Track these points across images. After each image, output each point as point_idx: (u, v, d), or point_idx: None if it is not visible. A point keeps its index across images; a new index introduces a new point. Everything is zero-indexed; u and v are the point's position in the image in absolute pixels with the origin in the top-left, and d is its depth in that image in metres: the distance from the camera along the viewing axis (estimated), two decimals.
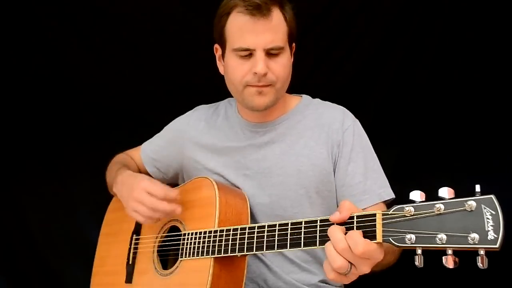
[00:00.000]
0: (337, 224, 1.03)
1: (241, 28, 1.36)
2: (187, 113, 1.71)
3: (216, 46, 1.50)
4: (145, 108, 2.25)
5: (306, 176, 1.45)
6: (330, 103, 1.59)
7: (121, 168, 1.58)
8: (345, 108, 1.55)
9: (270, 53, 1.37)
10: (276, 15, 1.37)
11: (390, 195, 1.44)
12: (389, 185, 1.46)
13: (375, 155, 1.50)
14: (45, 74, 2.28)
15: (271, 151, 1.49)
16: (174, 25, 2.21)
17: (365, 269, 0.99)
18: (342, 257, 0.98)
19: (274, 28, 1.36)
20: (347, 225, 1.02)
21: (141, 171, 1.74)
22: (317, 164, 1.45)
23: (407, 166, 2.11)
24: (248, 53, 1.37)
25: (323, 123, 1.50)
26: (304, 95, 1.61)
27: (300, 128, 1.51)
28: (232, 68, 1.41)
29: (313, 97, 1.62)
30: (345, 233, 0.99)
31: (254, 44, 1.35)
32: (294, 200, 1.46)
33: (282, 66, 1.40)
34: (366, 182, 1.42)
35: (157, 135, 1.75)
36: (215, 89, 1.62)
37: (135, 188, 1.38)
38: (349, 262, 0.98)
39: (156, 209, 1.36)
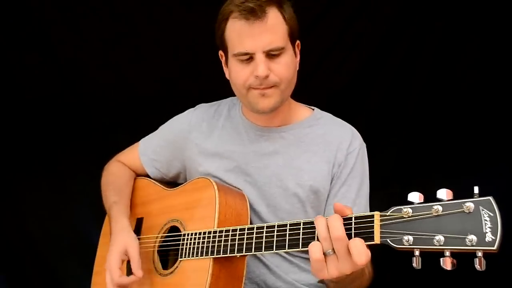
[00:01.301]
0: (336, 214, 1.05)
1: (238, 33, 1.36)
2: (187, 111, 1.69)
3: (221, 52, 1.49)
4: (145, 108, 2.25)
5: (304, 191, 1.45)
6: (340, 120, 1.57)
7: (113, 207, 1.56)
8: (355, 129, 1.54)
9: (271, 54, 1.36)
10: (273, 15, 1.35)
11: None
12: None
13: (368, 182, 1.51)
14: (45, 74, 2.28)
15: (274, 162, 1.49)
16: (174, 26, 2.21)
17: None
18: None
19: (271, 29, 1.35)
20: (345, 226, 1.02)
21: (140, 173, 1.73)
22: (316, 180, 1.45)
23: (406, 167, 2.11)
24: (249, 57, 1.36)
25: (330, 140, 1.49)
26: (316, 108, 1.60)
27: (306, 141, 1.50)
28: (235, 73, 1.41)
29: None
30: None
31: (252, 47, 1.34)
32: (290, 213, 1.46)
33: (285, 66, 1.38)
34: (353, 208, 1.42)
35: (155, 133, 1.72)
36: (215, 89, 1.62)
37: (109, 254, 1.42)
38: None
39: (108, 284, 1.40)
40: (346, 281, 1.03)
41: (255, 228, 1.23)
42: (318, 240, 1.04)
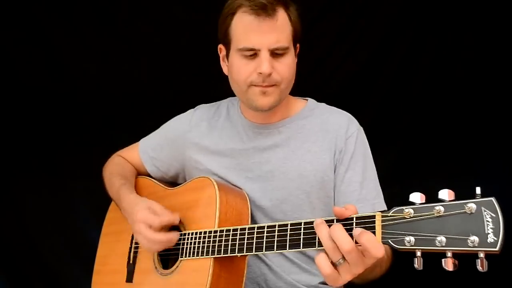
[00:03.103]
0: (336, 218, 1.03)
1: (246, 28, 1.36)
2: (187, 112, 1.70)
3: (220, 46, 1.49)
4: (145, 108, 2.24)
5: (307, 181, 1.45)
6: (336, 108, 1.58)
7: (122, 187, 1.56)
8: (350, 115, 1.55)
9: (275, 53, 1.37)
10: (281, 15, 1.37)
11: (383, 207, 1.43)
12: (383, 197, 1.46)
13: (373, 165, 1.51)
14: (45, 74, 2.28)
15: (275, 155, 1.49)
16: (174, 26, 2.21)
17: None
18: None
19: (279, 28, 1.36)
20: (346, 226, 1.01)
21: (140, 171, 1.74)
22: (319, 170, 1.45)
23: (407, 166, 2.11)
24: (253, 53, 1.37)
25: (328, 128, 1.49)
26: (309, 99, 1.60)
27: (304, 132, 1.50)
28: (237, 68, 1.41)
29: (314, 96, 1.62)
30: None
31: (259, 44, 1.35)
32: (295, 205, 1.46)
33: (287, 66, 1.40)
34: (361, 191, 1.43)
35: (155, 132, 1.73)
36: (215, 89, 1.62)
37: (135, 221, 1.39)
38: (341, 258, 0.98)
39: (154, 242, 1.37)
40: (366, 271, 1.01)
41: (256, 228, 1.23)
42: (320, 243, 1.02)
